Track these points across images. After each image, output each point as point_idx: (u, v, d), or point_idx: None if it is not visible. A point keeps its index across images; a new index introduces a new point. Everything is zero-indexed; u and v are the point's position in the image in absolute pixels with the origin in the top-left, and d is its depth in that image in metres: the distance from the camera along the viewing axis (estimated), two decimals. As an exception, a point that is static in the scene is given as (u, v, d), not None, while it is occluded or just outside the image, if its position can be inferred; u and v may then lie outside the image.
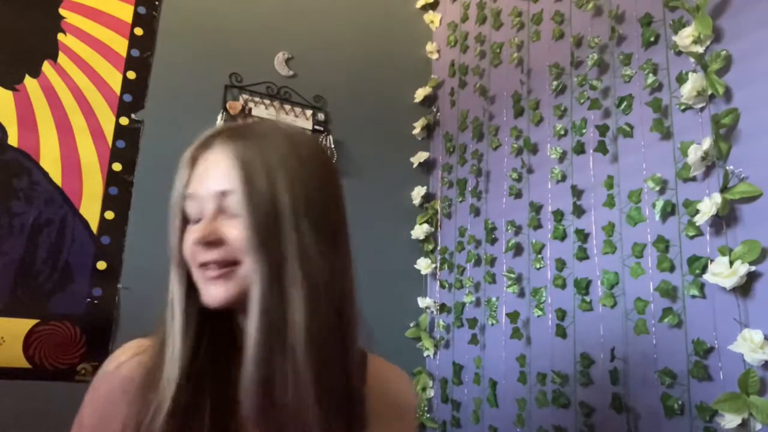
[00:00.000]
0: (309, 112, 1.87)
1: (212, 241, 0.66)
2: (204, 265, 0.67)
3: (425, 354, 1.85)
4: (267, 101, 1.81)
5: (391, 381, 0.76)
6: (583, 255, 1.38)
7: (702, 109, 1.16)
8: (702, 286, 1.10)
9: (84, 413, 0.71)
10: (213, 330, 0.68)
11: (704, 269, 1.09)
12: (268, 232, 0.64)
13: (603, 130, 1.37)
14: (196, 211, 0.70)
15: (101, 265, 1.49)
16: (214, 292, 0.66)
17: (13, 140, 1.45)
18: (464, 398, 1.68)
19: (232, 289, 0.66)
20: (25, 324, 1.39)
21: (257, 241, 0.64)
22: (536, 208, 1.55)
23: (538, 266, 1.51)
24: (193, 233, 0.69)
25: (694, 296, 1.12)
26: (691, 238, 1.14)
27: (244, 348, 0.63)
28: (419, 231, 1.93)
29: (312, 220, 0.66)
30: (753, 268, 1.00)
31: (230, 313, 0.69)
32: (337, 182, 0.72)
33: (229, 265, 0.66)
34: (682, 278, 1.15)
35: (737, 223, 1.06)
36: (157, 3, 1.70)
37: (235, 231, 0.65)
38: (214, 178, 0.68)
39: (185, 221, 0.72)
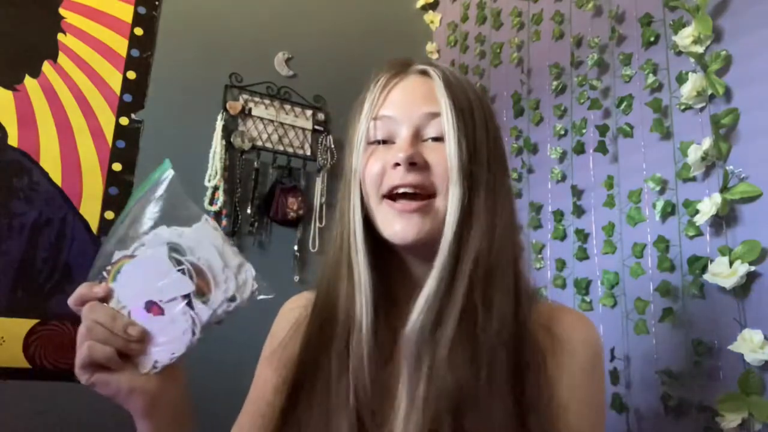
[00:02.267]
0: (309, 112, 1.87)
1: (417, 163, 0.62)
2: (395, 194, 0.63)
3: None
4: (267, 101, 1.81)
5: (562, 318, 0.68)
6: (583, 255, 1.38)
7: (702, 109, 1.16)
8: (702, 286, 1.10)
9: (275, 329, 0.78)
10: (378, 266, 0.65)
11: (704, 269, 1.09)
12: (471, 160, 0.62)
13: (603, 130, 1.37)
14: (387, 134, 0.66)
15: (101, 265, 1.49)
16: (406, 227, 0.62)
17: (13, 140, 1.45)
18: (464, 398, 1.68)
19: (429, 224, 0.62)
20: (25, 324, 1.39)
21: (462, 167, 0.62)
22: (536, 208, 1.55)
23: (538, 266, 1.51)
24: (390, 154, 0.64)
25: (694, 296, 1.12)
26: (691, 238, 1.14)
27: (414, 285, 0.63)
28: (419, 231, 1.93)
29: (496, 158, 0.66)
30: (753, 268, 1.00)
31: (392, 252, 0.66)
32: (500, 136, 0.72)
33: (428, 197, 0.63)
34: (682, 278, 1.14)
35: (737, 223, 1.06)
36: (157, 3, 1.70)
37: (441, 155, 0.63)
38: (421, 99, 0.65)
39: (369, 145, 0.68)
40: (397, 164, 0.63)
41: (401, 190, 0.63)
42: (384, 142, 0.66)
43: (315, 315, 0.68)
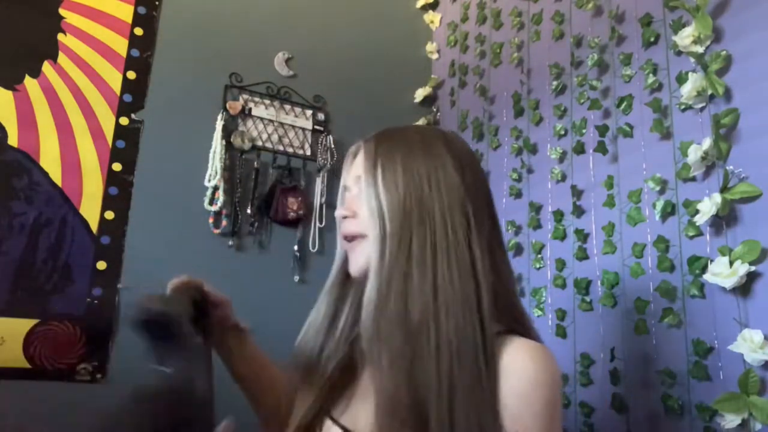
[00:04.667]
0: (309, 112, 1.87)
1: (346, 216, 0.81)
2: (345, 238, 0.81)
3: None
4: (267, 101, 1.81)
5: (510, 347, 0.68)
6: (583, 255, 1.38)
7: (702, 109, 1.16)
8: (702, 286, 1.10)
9: None
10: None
11: (704, 269, 1.09)
12: (382, 208, 0.74)
13: (603, 130, 1.37)
14: (345, 198, 0.85)
15: (101, 265, 1.49)
16: (352, 261, 0.80)
17: (13, 140, 1.45)
18: (464, 398, 1.67)
19: (363, 258, 0.77)
20: (25, 324, 1.39)
21: (375, 216, 0.74)
22: (536, 208, 1.55)
23: (538, 266, 1.51)
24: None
25: (694, 296, 1.12)
26: (691, 238, 1.14)
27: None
28: (419, 231, 1.93)
29: (440, 210, 0.74)
30: (753, 268, 1.00)
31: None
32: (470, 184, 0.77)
33: (359, 237, 0.78)
34: (682, 278, 1.14)
35: (737, 223, 1.06)
36: (157, 3, 1.70)
37: (362, 207, 0.78)
38: (354, 169, 0.83)
39: None
40: (339, 219, 0.83)
41: (346, 236, 0.82)
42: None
43: None
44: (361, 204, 0.78)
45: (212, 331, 0.87)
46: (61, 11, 1.57)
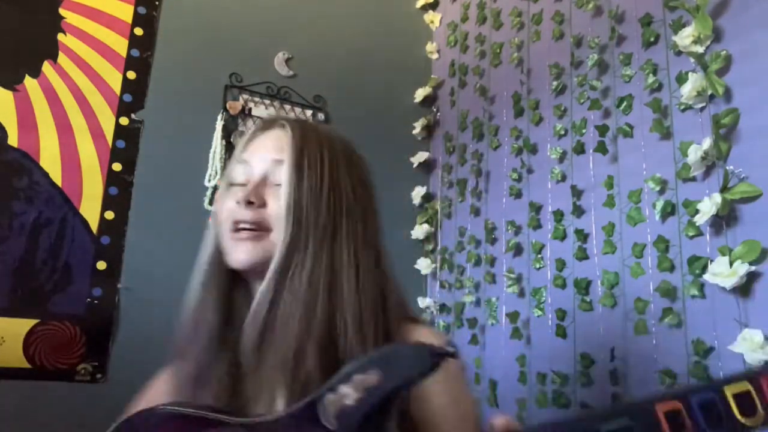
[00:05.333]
0: (309, 112, 1.87)
1: (252, 202, 0.71)
2: (237, 227, 0.72)
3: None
4: (267, 101, 1.81)
5: (411, 333, 0.72)
6: (583, 255, 1.38)
7: (702, 109, 1.16)
8: (702, 286, 1.10)
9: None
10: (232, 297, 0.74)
11: (704, 269, 1.09)
12: (308, 204, 0.70)
13: (603, 130, 1.37)
14: (244, 176, 0.75)
15: (101, 265, 1.49)
16: (240, 253, 0.71)
17: (13, 140, 1.45)
18: (464, 398, 1.68)
19: (260, 252, 0.70)
20: (25, 324, 1.39)
21: (294, 209, 0.69)
22: (536, 208, 1.55)
23: (538, 266, 1.51)
24: (237, 194, 0.73)
25: (694, 296, 1.12)
26: (691, 238, 1.14)
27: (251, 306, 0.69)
28: (419, 231, 1.93)
29: (349, 209, 0.72)
30: (753, 268, 1.00)
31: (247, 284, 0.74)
32: (367, 188, 0.78)
33: (261, 230, 0.71)
34: (682, 278, 1.14)
35: (737, 223, 1.06)
36: (157, 3, 1.70)
37: (276, 199, 0.71)
38: (271, 147, 0.74)
39: (231, 186, 0.76)
40: (238, 202, 0.72)
41: (241, 225, 0.72)
42: (243, 184, 0.74)
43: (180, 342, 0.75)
44: (275, 195, 0.71)
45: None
46: (61, 11, 1.57)
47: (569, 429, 0.43)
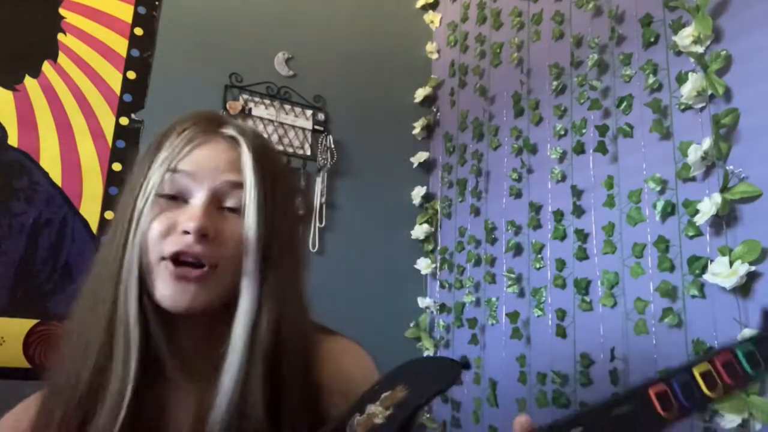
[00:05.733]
0: (309, 112, 1.87)
1: (208, 235, 0.58)
2: (180, 259, 0.58)
3: (425, 354, 1.85)
4: (267, 101, 1.81)
5: (341, 358, 0.70)
6: (583, 255, 1.38)
7: (702, 109, 1.16)
8: (702, 286, 1.10)
9: None
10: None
11: (704, 269, 1.09)
12: (269, 236, 0.61)
13: (603, 130, 1.37)
14: (181, 190, 0.61)
15: (101, 265, 1.49)
16: (181, 294, 0.58)
17: (13, 140, 1.45)
18: (464, 398, 1.68)
19: (206, 294, 0.59)
20: (25, 324, 1.39)
21: (260, 242, 0.60)
22: (536, 208, 1.55)
23: (538, 266, 1.51)
24: (181, 216, 0.60)
25: (694, 296, 1.12)
26: (691, 238, 1.14)
27: (184, 356, 0.61)
28: (419, 231, 1.93)
29: (292, 238, 0.67)
30: (753, 268, 1.00)
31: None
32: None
33: (209, 266, 0.59)
34: (682, 278, 1.14)
35: (737, 223, 1.06)
36: (157, 3, 1.70)
37: (235, 227, 0.60)
38: (225, 165, 0.62)
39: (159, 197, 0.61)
40: (187, 232, 0.58)
41: (184, 258, 0.59)
42: (174, 198, 0.61)
43: (50, 394, 0.61)
44: (231, 225, 0.60)
45: None
46: (61, 11, 1.57)
47: (591, 416, 0.52)
